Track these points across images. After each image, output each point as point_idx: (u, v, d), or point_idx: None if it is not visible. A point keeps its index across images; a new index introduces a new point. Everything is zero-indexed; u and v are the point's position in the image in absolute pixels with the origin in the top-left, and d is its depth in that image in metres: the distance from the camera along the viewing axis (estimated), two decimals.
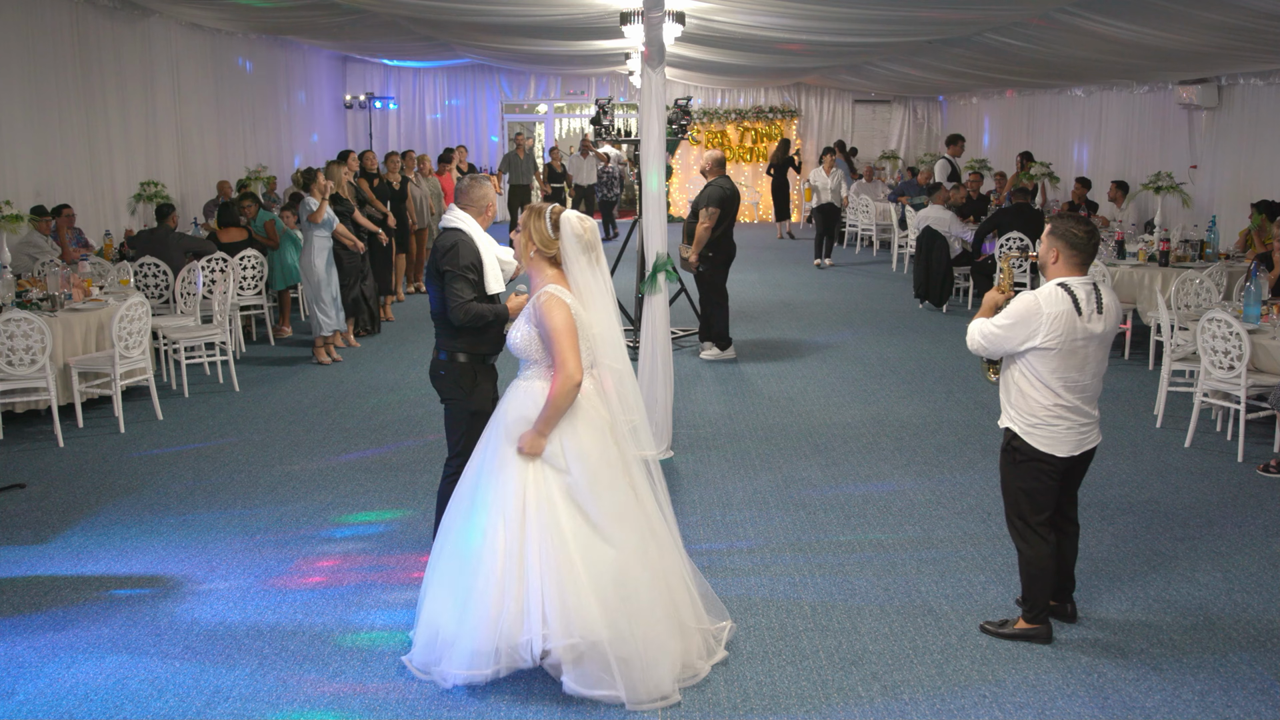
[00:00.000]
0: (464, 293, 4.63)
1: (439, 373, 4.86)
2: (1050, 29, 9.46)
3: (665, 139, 7.09)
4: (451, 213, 4.84)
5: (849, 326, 11.19)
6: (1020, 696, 4.07)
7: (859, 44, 12.35)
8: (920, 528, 5.75)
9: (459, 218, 4.81)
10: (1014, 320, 4.23)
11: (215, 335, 8.59)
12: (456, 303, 4.62)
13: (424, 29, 13.47)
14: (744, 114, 21.80)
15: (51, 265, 8.35)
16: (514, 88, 21.76)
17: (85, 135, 10.85)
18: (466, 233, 4.76)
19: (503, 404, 4.25)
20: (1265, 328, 6.96)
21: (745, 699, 4.03)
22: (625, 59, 15.24)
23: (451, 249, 4.68)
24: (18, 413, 7.48)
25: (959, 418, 7.82)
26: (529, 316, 4.14)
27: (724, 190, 9.33)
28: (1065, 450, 4.32)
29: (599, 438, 4.11)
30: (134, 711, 3.96)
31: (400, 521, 5.84)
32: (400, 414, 7.93)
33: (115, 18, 11.37)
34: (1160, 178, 10.67)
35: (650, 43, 6.92)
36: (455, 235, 4.74)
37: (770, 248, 17.72)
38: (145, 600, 4.87)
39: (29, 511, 5.96)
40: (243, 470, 6.66)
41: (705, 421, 7.71)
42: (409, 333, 10.88)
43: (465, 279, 4.65)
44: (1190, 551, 5.44)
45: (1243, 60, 10.32)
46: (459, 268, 4.65)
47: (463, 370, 4.78)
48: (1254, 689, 4.13)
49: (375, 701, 4.02)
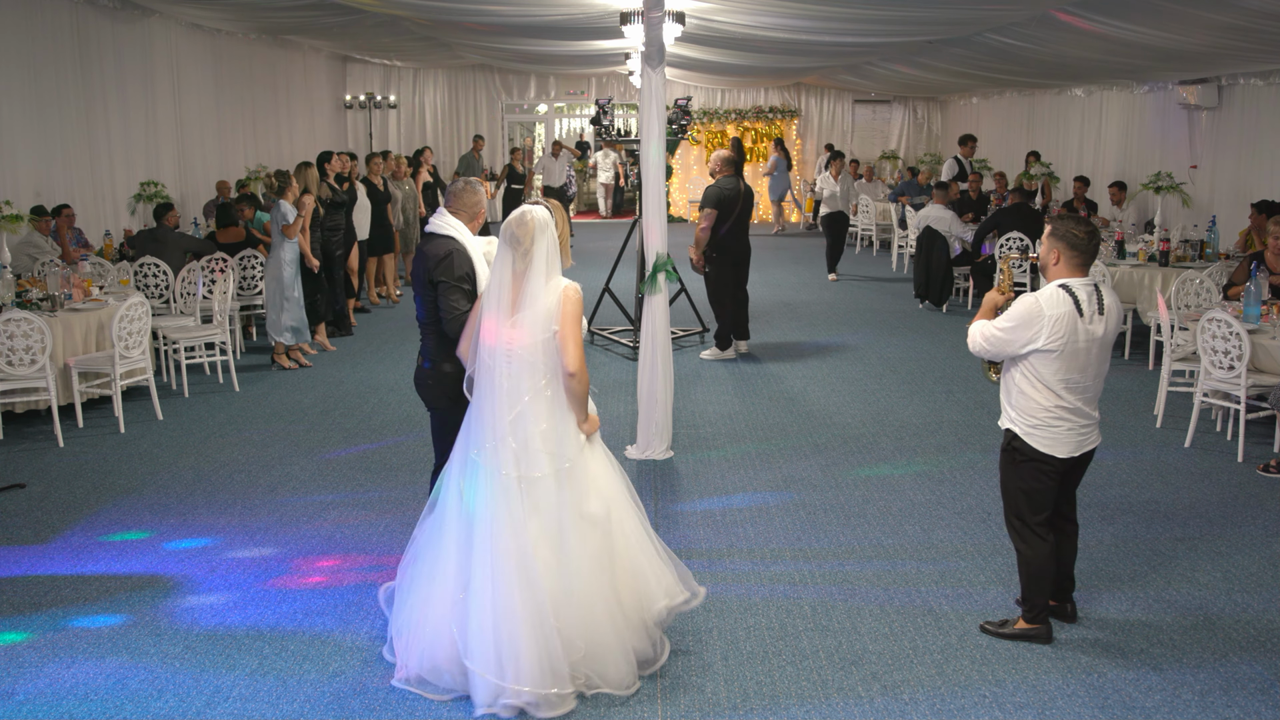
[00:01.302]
0: (459, 304, 4.51)
1: (425, 382, 4.78)
2: (1050, 29, 9.46)
3: (665, 139, 7.09)
4: (441, 218, 4.68)
5: (849, 326, 11.19)
6: (1020, 696, 4.07)
7: (859, 44, 12.35)
8: (920, 528, 5.75)
9: (450, 224, 4.66)
10: (1016, 323, 4.23)
11: (215, 335, 8.58)
12: (452, 315, 4.51)
13: (424, 29, 13.47)
14: (744, 114, 21.81)
15: (51, 265, 8.35)
16: (514, 88, 21.77)
17: (85, 135, 10.85)
18: (459, 241, 4.63)
19: None
20: (1265, 328, 6.96)
21: (745, 699, 4.03)
22: (625, 59, 15.24)
23: (445, 259, 4.55)
24: (18, 413, 7.48)
25: (959, 418, 7.82)
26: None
27: (723, 191, 9.31)
28: (1065, 451, 4.31)
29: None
30: (134, 711, 3.96)
31: (400, 521, 5.83)
32: (400, 414, 7.92)
33: (115, 18, 11.37)
34: (1160, 178, 10.68)
35: (650, 43, 6.92)
36: (448, 244, 4.60)
37: (770, 248, 17.72)
38: (145, 600, 4.87)
39: (29, 511, 5.96)
40: (243, 470, 6.66)
41: (705, 421, 7.71)
42: (408, 332, 10.88)
43: (460, 289, 4.53)
44: (1190, 551, 5.44)
45: (1243, 60, 10.32)
46: (454, 279, 4.52)
47: (448, 380, 4.67)
48: (1254, 689, 4.13)
49: (375, 701, 4.02)
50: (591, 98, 21.25)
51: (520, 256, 4.01)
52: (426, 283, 4.60)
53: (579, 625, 3.93)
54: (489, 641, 3.86)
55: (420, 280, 4.63)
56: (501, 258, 4.06)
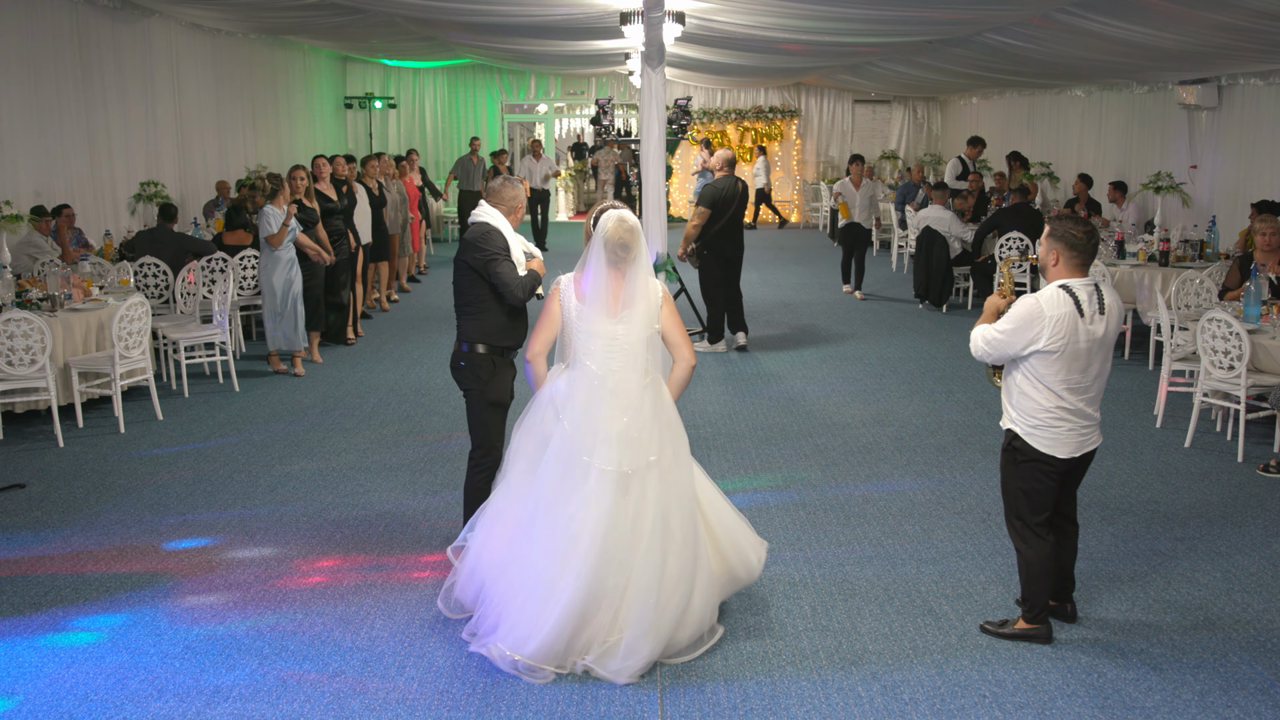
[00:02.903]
0: (509, 274, 4.84)
1: (459, 364, 5.02)
2: (1050, 29, 9.46)
3: (665, 139, 7.10)
4: (481, 208, 5.00)
5: (849, 326, 11.19)
6: (1020, 696, 4.07)
7: (859, 44, 12.34)
8: (920, 528, 5.75)
9: (488, 213, 4.98)
10: (1016, 324, 4.23)
11: (215, 335, 8.58)
12: (510, 287, 4.83)
13: (424, 29, 13.47)
14: (744, 114, 21.81)
15: (51, 265, 8.35)
16: (514, 88, 21.76)
17: (85, 135, 10.85)
18: (494, 224, 4.94)
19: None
20: (1265, 328, 6.96)
21: (745, 699, 4.03)
22: (625, 59, 15.24)
23: (486, 235, 4.87)
24: (18, 413, 7.48)
25: (959, 418, 7.82)
26: None
27: (718, 191, 9.57)
28: (1066, 452, 4.31)
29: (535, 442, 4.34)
30: (134, 711, 3.96)
31: (400, 521, 5.83)
32: (400, 414, 7.92)
33: (115, 18, 11.37)
34: (1160, 178, 10.67)
35: (650, 43, 6.92)
36: (484, 226, 4.93)
37: (770, 247, 17.72)
38: (145, 600, 4.87)
39: (29, 511, 5.96)
40: (243, 470, 6.66)
41: (705, 421, 7.71)
42: (408, 332, 10.88)
43: (505, 260, 4.85)
44: (1190, 551, 5.44)
45: (1243, 60, 10.31)
46: (494, 251, 4.84)
47: (481, 361, 4.95)
48: (1254, 689, 4.13)
49: (375, 701, 4.02)
50: (591, 98, 21.24)
51: (626, 258, 4.25)
52: (466, 265, 4.90)
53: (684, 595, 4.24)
54: (648, 625, 4.10)
55: (463, 264, 4.94)
56: (598, 258, 4.26)
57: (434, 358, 9.68)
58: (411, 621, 4.64)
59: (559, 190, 22.09)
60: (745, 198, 9.82)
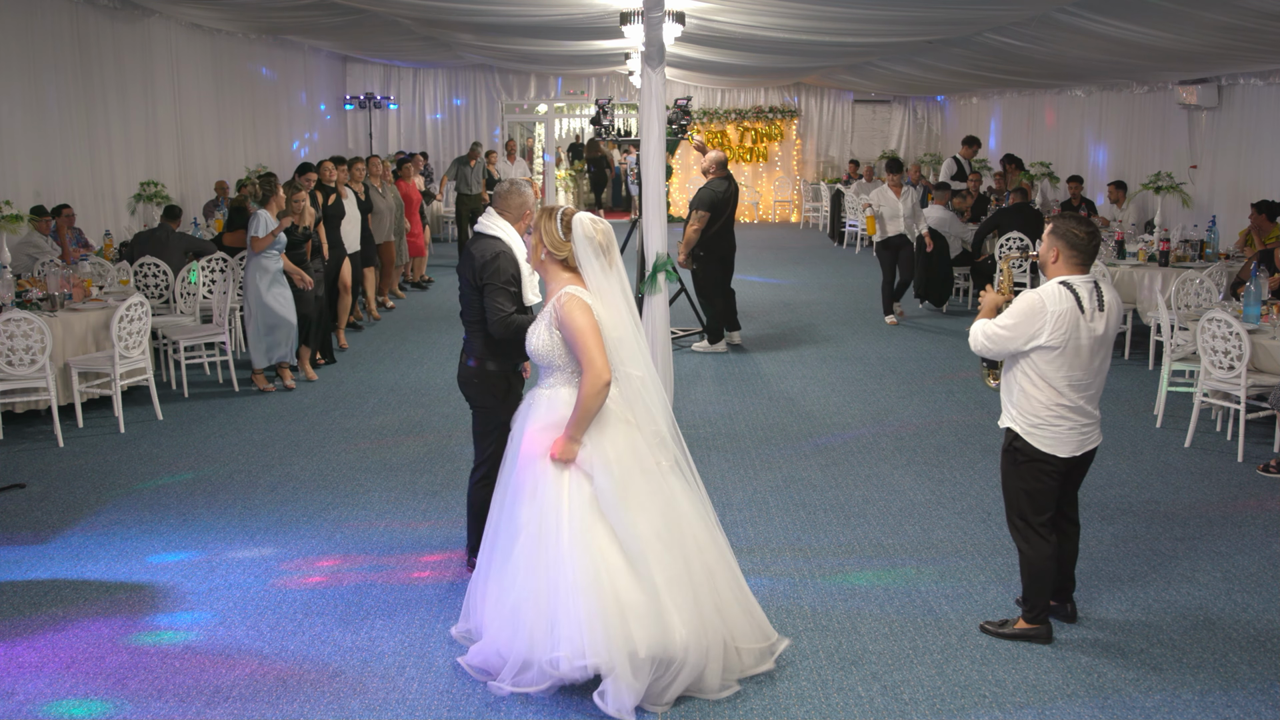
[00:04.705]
0: (505, 306, 4.59)
1: (471, 380, 4.83)
2: (1050, 29, 9.46)
3: (665, 139, 7.09)
4: (490, 218, 4.76)
5: (849, 326, 11.19)
6: (1020, 697, 4.06)
7: (859, 44, 12.34)
8: (920, 528, 5.75)
9: (498, 225, 4.73)
10: (1018, 319, 4.22)
11: (215, 335, 8.58)
12: (498, 316, 4.57)
13: (424, 29, 13.47)
14: (744, 114, 21.81)
15: (51, 265, 8.34)
16: (514, 88, 21.76)
17: (85, 135, 10.84)
18: (506, 243, 4.69)
19: (523, 414, 4.17)
20: (1265, 328, 6.96)
21: (745, 699, 4.03)
22: (625, 59, 15.22)
23: (493, 260, 4.61)
24: (18, 413, 7.48)
25: (959, 418, 7.82)
26: (548, 320, 4.03)
27: (715, 193, 9.66)
28: (1067, 451, 4.31)
29: (629, 444, 4.01)
30: (134, 711, 3.96)
31: (400, 521, 5.83)
32: (400, 414, 7.92)
33: (115, 18, 11.37)
34: (1160, 178, 10.67)
35: (650, 43, 6.92)
36: (496, 245, 4.67)
37: (770, 247, 17.72)
38: (145, 600, 4.87)
39: (29, 511, 5.96)
40: (243, 470, 6.66)
41: (705, 421, 7.71)
42: (408, 333, 10.88)
43: (506, 292, 4.60)
44: (1190, 551, 5.44)
45: (1243, 60, 10.31)
46: (500, 282, 4.59)
47: (494, 380, 4.78)
48: (1254, 689, 4.13)
49: (375, 701, 4.02)
50: (591, 98, 21.24)
51: (610, 261, 4.07)
52: (473, 284, 4.67)
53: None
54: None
55: (466, 280, 4.72)
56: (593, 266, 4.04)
57: (434, 358, 9.68)
58: (411, 621, 4.64)
59: (559, 190, 22.08)
60: (737, 196, 9.90)
